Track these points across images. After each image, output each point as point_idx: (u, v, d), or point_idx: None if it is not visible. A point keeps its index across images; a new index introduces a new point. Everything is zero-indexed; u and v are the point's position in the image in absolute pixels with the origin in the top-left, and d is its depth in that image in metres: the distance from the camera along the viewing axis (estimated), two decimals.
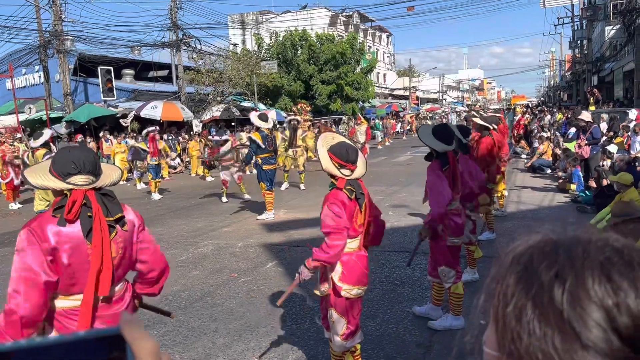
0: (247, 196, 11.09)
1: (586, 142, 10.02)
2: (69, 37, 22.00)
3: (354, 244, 3.24)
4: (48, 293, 2.11)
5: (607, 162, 9.49)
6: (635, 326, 0.50)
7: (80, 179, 2.20)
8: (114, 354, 0.48)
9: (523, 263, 0.58)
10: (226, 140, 11.61)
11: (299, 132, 13.51)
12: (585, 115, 10.66)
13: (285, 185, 13.00)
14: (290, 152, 13.10)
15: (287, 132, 14.01)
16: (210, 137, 12.89)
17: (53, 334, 2.16)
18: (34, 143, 8.70)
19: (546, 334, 0.52)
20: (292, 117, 13.69)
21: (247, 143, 10.23)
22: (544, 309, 0.53)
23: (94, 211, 2.18)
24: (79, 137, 17.74)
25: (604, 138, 10.57)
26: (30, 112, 19.93)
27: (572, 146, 11.46)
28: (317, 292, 3.31)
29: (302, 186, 12.80)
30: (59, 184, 2.19)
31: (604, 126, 12.13)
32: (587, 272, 0.53)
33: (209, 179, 15.90)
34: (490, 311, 0.60)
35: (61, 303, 2.21)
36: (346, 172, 3.19)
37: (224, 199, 11.38)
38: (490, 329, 0.60)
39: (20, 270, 2.06)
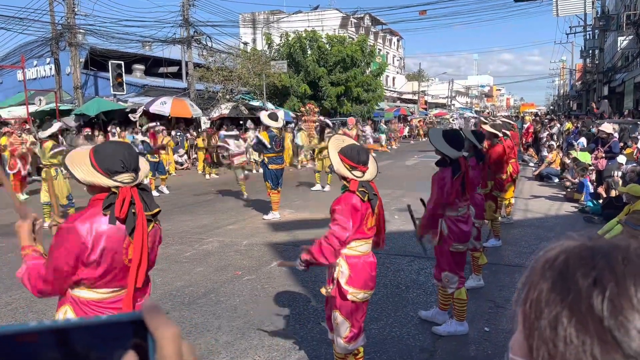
0: (245, 195, 11.25)
1: (603, 155, 9.94)
2: (81, 31, 22.12)
3: (363, 248, 3.22)
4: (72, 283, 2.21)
5: (618, 173, 9.42)
6: None
7: (126, 177, 2.24)
8: (135, 339, 0.48)
9: (557, 268, 0.55)
10: (236, 136, 11.60)
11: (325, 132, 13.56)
12: (607, 127, 10.57)
13: (317, 186, 12.91)
14: (316, 153, 13.17)
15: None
16: (219, 138, 12.91)
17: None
18: (43, 134, 8.75)
19: (584, 343, 0.50)
20: (319, 118, 13.86)
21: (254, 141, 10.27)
22: (582, 317, 0.51)
23: (137, 208, 2.23)
24: (87, 130, 17.82)
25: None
26: (40, 104, 20.00)
27: (583, 156, 11.39)
28: (323, 290, 3.31)
29: (319, 186, 12.81)
30: (105, 181, 2.20)
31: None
32: (629, 280, 0.51)
33: (212, 176, 15.97)
34: (519, 318, 0.58)
35: (87, 294, 2.24)
36: (358, 173, 3.16)
37: (245, 195, 11.37)
38: (519, 336, 0.58)
39: (54, 263, 2.14)
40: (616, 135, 11.85)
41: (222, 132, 13.36)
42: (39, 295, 2.23)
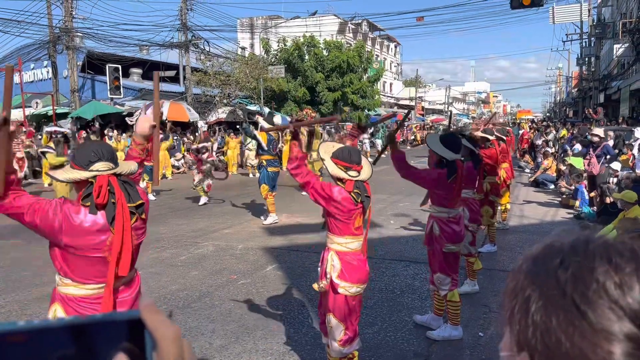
0: (203, 199, 11.35)
1: (595, 159, 9.98)
2: (79, 34, 22.11)
3: (353, 245, 3.23)
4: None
5: (613, 180, 9.46)
6: (639, 306, 0.51)
7: (101, 166, 2.30)
8: (133, 338, 0.46)
9: (532, 259, 0.60)
10: (205, 148, 11.65)
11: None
12: (598, 132, 10.64)
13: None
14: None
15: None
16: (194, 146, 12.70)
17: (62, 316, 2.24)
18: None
19: (551, 317, 0.53)
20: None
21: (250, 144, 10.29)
22: (549, 293, 0.54)
23: (117, 196, 2.27)
24: (83, 134, 17.79)
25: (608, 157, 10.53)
26: (36, 107, 20.02)
27: (577, 162, 11.43)
28: (315, 286, 3.30)
29: None
30: (83, 174, 2.28)
31: (610, 144, 12.11)
32: (590, 258, 0.55)
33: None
34: (506, 312, 0.60)
35: (74, 290, 2.31)
36: (353, 173, 3.21)
37: (204, 200, 11.36)
38: (506, 335, 0.60)
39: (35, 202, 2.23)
40: (611, 142, 11.90)
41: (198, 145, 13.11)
42: None
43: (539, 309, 0.54)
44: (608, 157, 10.23)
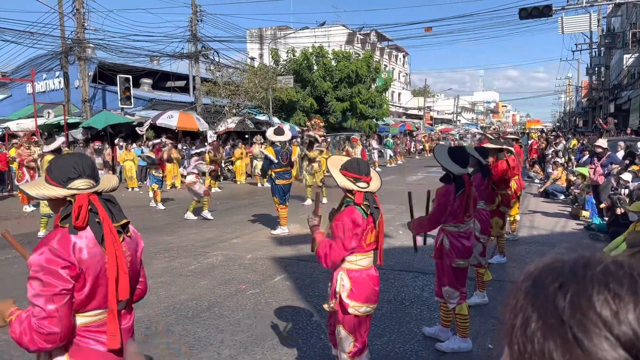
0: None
1: (601, 167, 9.94)
2: (91, 45, 22.40)
3: (364, 262, 3.22)
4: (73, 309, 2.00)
5: (625, 191, 9.38)
6: (634, 334, 0.51)
7: (81, 183, 2.06)
8: None
9: (532, 278, 0.61)
10: (202, 153, 11.77)
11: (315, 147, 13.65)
12: (602, 142, 10.64)
13: (308, 201, 12.95)
14: (306, 167, 13.24)
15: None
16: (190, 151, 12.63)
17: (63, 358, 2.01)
18: (47, 148, 8.85)
19: (548, 343, 0.54)
20: (307, 133, 14.05)
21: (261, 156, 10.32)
22: (547, 318, 0.55)
23: (101, 216, 2.05)
24: (97, 144, 17.95)
25: (616, 168, 10.46)
26: (48, 117, 20.23)
27: (584, 171, 11.38)
28: (325, 306, 3.31)
29: (324, 200, 12.86)
30: (59, 191, 2.04)
31: (621, 154, 12.05)
32: (589, 283, 0.56)
33: (215, 189, 16.02)
34: (507, 329, 0.61)
35: (77, 320, 2.03)
36: (362, 184, 3.20)
37: (209, 215, 10.90)
38: (505, 350, 0.61)
39: (48, 290, 1.90)
40: (621, 152, 11.82)
41: (191, 151, 12.85)
42: (49, 342, 1.90)
43: (537, 333, 0.55)
44: (616, 167, 10.15)
